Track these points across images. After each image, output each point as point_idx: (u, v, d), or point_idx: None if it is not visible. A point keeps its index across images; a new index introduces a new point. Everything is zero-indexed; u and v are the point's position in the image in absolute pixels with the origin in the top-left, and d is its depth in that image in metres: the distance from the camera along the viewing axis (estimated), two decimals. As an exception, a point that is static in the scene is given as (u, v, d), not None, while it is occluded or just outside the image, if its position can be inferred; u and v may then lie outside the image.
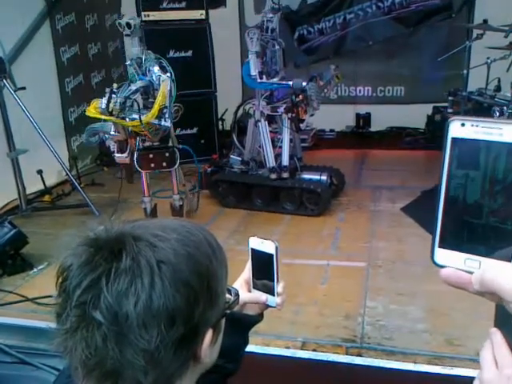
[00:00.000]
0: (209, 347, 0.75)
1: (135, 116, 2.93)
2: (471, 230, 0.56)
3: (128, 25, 3.18)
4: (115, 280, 0.65)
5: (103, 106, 2.83)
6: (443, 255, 0.58)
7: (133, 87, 3.02)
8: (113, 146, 3.25)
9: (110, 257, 0.67)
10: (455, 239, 0.57)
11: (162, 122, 3.04)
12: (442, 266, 0.58)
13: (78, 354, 0.66)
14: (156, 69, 3.12)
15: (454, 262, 0.57)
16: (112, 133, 3.08)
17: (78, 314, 0.66)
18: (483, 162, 0.54)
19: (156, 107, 2.97)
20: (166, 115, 3.03)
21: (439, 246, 0.58)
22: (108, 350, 0.65)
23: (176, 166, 3.41)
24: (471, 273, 0.56)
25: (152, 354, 0.66)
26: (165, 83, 3.02)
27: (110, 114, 2.86)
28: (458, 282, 0.57)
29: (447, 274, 0.57)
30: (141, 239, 0.69)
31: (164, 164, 3.36)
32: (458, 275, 0.57)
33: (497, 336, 0.56)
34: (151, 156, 3.31)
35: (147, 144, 3.34)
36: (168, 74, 3.08)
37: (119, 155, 3.24)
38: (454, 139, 0.56)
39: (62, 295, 0.68)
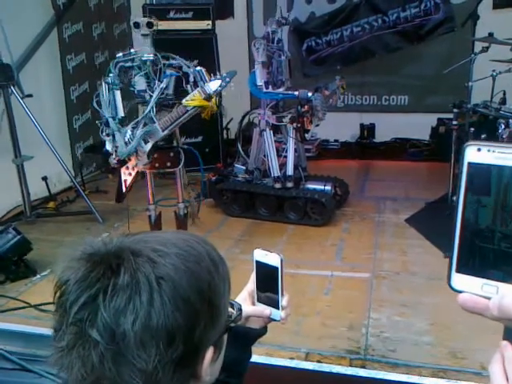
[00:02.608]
0: (210, 365, 0.72)
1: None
2: (488, 256, 0.55)
3: (136, 24, 3.21)
4: (113, 297, 0.63)
5: (205, 94, 2.98)
6: (460, 280, 0.57)
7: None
8: (143, 153, 3.20)
9: (107, 272, 0.64)
10: (472, 264, 0.56)
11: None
12: (459, 291, 0.57)
13: (73, 372, 0.64)
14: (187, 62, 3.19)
15: (471, 287, 0.56)
16: (167, 132, 3.08)
17: (74, 331, 0.64)
18: (500, 188, 0.54)
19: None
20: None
21: (456, 271, 0.57)
22: (105, 369, 0.63)
23: (180, 166, 3.37)
24: (489, 298, 0.54)
25: (150, 374, 0.64)
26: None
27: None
28: (474, 307, 0.56)
29: (464, 300, 0.56)
30: (140, 254, 0.67)
31: (168, 164, 3.31)
32: (475, 301, 0.55)
33: (508, 350, 0.55)
34: (156, 155, 3.26)
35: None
36: (199, 68, 3.14)
37: (145, 161, 3.20)
38: (471, 164, 0.56)
39: (59, 311, 0.66)
